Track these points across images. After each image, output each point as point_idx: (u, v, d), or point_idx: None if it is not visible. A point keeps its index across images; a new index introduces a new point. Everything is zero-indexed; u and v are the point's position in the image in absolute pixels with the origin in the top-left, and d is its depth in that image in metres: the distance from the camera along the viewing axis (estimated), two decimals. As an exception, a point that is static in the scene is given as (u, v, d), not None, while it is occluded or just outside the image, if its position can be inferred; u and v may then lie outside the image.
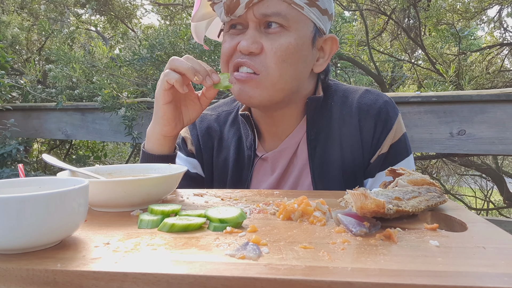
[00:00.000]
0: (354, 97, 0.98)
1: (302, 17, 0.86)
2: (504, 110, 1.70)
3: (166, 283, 0.41)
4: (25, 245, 0.48)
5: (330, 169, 0.94)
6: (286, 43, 0.84)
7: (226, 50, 0.88)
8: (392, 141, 0.94)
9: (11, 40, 4.29)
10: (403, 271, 0.41)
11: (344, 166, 0.94)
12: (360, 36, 4.08)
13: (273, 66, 0.84)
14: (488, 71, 4.10)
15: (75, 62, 2.82)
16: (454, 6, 3.91)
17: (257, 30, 0.85)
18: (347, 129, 0.95)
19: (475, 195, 5.28)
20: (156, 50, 2.53)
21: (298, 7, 0.84)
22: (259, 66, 0.85)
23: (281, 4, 0.83)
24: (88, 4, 4.79)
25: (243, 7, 0.82)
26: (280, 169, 0.98)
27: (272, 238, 0.53)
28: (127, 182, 0.66)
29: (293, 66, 0.86)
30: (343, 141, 0.95)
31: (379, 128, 0.93)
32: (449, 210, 0.66)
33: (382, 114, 0.94)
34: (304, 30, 0.87)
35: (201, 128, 1.08)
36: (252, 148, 0.99)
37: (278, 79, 0.86)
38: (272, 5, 0.82)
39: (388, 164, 0.92)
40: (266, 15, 0.83)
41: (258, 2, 0.82)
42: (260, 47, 0.84)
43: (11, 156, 2.75)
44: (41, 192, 0.47)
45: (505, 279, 0.40)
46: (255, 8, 0.83)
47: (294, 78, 0.88)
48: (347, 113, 0.96)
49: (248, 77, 0.85)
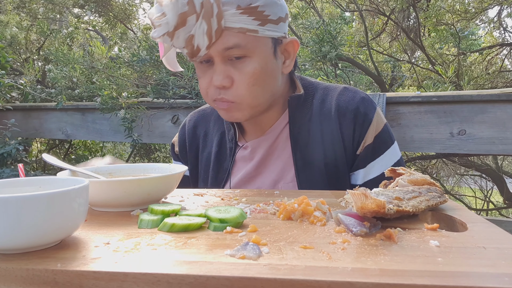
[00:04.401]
0: (333, 95, 1.03)
1: (259, 40, 0.90)
2: (504, 110, 1.70)
3: (166, 283, 0.41)
4: (25, 245, 0.48)
5: (313, 163, 0.99)
6: (252, 70, 0.90)
7: (205, 86, 0.95)
8: (375, 133, 0.98)
9: (10, 40, 4.29)
10: (404, 271, 0.41)
11: (326, 160, 0.98)
12: (360, 37, 4.08)
13: (245, 92, 0.91)
14: (488, 71, 4.10)
15: (74, 62, 2.82)
16: (453, 7, 3.91)
17: (224, 63, 0.90)
18: (328, 126, 0.99)
19: (475, 195, 5.28)
20: (155, 51, 2.53)
21: (253, 33, 0.88)
22: (233, 97, 0.92)
23: (237, 36, 0.87)
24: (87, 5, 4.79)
25: (203, 51, 0.88)
26: (259, 156, 1.03)
27: (272, 238, 0.52)
28: (127, 182, 0.66)
29: (262, 85, 0.93)
30: (324, 137, 0.99)
31: (359, 123, 0.98)
32: (450, 210, 0.66)
33: (360, 109, 0.98)
34: (264, 50, 0.91)
35: (188, 128, 1.17)
36: (234, 140, 1.06)
37: (252, 100, 0.93)
38: (230, 39, 0.87)
39: (377, 154, 0.98)
40: (227, 48, 0.87)
41: (216, 40, 0.86)
42: (231, 81, 0.91)
43: (11, 155, 2.75)
44: (41, 192, 0.47)
45: (506, 279, 0.40)
46: (216, 45, 0.87)
47: (266, 93, 0.95)
48: (327, 111, 1.01)
49: (228, 106, 0.93)
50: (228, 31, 0.86)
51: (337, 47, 2.48)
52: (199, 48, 0.87)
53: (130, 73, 2.85)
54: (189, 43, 0.86)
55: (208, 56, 0.90)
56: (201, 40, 0.85)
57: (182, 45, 0.87)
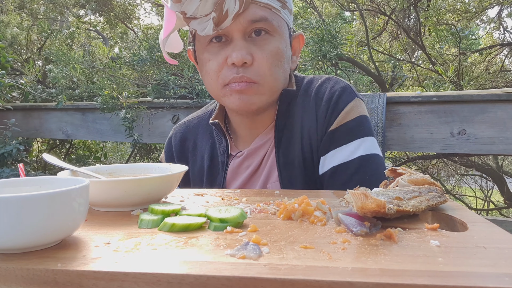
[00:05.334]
0: (314, 86, 0.99)
1: (281, 21, 0.90)
2: (504, 110, 1.70)
3: (166, 283, 0.41)
4: (26, 244, 0.48)
5: (292, 157, 0.95)
6: (275, 49, 0.88)
7: (215, 67, 0.89)
8: (344, 121, 0.92)
9: (10, 40, 4.29)
10: (404, 271, 0.41)
11: (303, 153, 0.95)
12: (360, 36, 4.08)
13: (267, 72, 0.88)
14: (488, 71, 4.10)
15: (74, 62, 2.82)
16: (454, 6, 3.90)
17: (244, 40, 0.87)
18: (306, 117, 0.96)
19: (476, 195, 5.28)
20: (156, 51, 2.53)
21: (277, 11, 0.88)
22: (255, 76, 0.87)
23: (264, 10, 0.86)
24: (87, 4, 4.79)
25: (230, 19, 0.84)
26: (254, 166, 1.00)
27: (272, 238, 0.52)
28: (128, 182, 0.66)
29: (282, 68, 0.91)
30: (303, 129, 0.96)
31: (330, 111, 0.93)
32: (450, 210, 0.66)
33: (335, 97, 0.93)
34: (284, 32, 0.91)
35: (175, 142, 1.11)
36: (226, 154, 1.01)
37: (273, 83, 0.90)
38: (257, 11, 0.85)
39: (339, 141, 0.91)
40: (254, 21, 0.85)
41: (243, 11, 0.84)
42: (252, 58, 0.87)
43: (11, 155, 2.75)
44: (41, 192, 0.47)
45: (506, 279, 0.40)
46: (242, 17, 0.85)
47: (284, 78, 0.93)
48: (306, 102, 0.97)
49: (248, 86, 0.87)
50: (255, 4, 0.85)
51: (337, 47, 2.48)
52: (227, 13, 0.83)
53: (131, 73, 2.85)
54: (219, 6, 0.82)
55: (226, 31, 0.86)
56: (231, 5, 0.82)
57: (210, 9, 0.83)
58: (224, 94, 0.90)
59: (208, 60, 0.90)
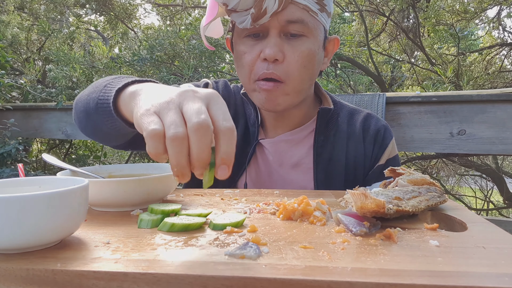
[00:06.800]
0: (358, 118, 1.08)
1: (317, 23, 0.92)
2: (504, 110, 1.70)
3: (166, 283, 0.41)
4: (25, 244, 0.48)
5: (332, 178, 1.01)
6: (306, 50, 0.90)
7: (249, 61, 0.92)
8: (388, 157, 1.05)
9: (10, 40, 4.29)
10: (403, 271, 0.41)
11: (346, 177, 1.02)
12: (359, 37, 4.08)
13: (295, 72, 0.90)
14: (488, 71, 4.10)
15: (75, 62, 2.82)
16: (453, 7, 3.90)
17: (279, 37, 0.89)
18: (352, 144, 1.04)
19: (475, 195, 5.28)
20: (156, 51, 2.53)
21: (314, 14, 0.90)
22: (283, 74, 0.90)
23: (302, 12, 0.88)
24: (88, 4, 4.79)
25: (268, 16, 0.86)
26: (280, 160, 1.03)
27: (272, 238, 0.52)
28: (127, 182, 0.66)
29: (311, 70, 0.93)
30: (348, 153, 1.03)
31: (377, 146, 1.05)
32: (449, 210, 0.66)
33: (380, 133, 1.06)
34: (319, 35, 0.93)
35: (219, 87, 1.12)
36: (256, 125, 1.04)
37: (299, 84, 0.92)
38: (295, 12, 0.87)
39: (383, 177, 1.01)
40: (291, 22, 0.87)
41: (282, 10, 0.86)
42: (283, 55, 0.89)
43: (11, 155, 2.75)
44: (41, 192, 0.47)
45: (506, 279, 0.40)
46: (279, 15, 0.87)
47: (311, 80, 0.96)
48: (352, 131, 1.06)
49: (275, 86, 0.91)
50: (294, 4, 0.87)
51: (337, 47, 2.47)
52: (266, 11, 0.85)
53: (131, 73, 2.85)
54: (258, 3, 0.84)
55: (264, 27, 0.89)
56: (271, 3, 0.85)
57: (250, 4, 0.86)
58: (254, 89, 0.94)
59: (244, 53, 0.93)
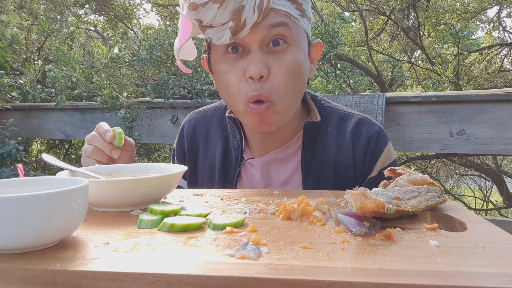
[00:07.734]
0: (348, 125, 1.01)
1: (299, 30, 0.87)
2: (503, 110, 1.70)
3: (166, 283, 0.41)
4: (25, 245, 0.48)
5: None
6: (292, 60, 0.84)
7: (235, 81, 0.86)
8: (381, 167, 0.97)
9: (10, 39, 4.29)
10: (403, 271, 0.41)
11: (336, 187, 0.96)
12: (359, 37, 4.08)
13: (282, 86, 0.84)
14: (487, 71, 4.10)
15: (74, 62, 2.82)
16: (453, 6, 3.91)
17: (261, 51, 0.84)
18: (341, 156, 0.98)
19: (475, 195, 5.28)
20: (155, 51, 2.53)
21: (296, 20, 0.85)
22: (269, 93, 0.84)
23: (283, 17, 0.83)
24: (87, 4, 4.79)
25: (248, 28, 0.81)
26: (268, 180, 1.00)
27: (271, 238, 0.52)
28: (127, 182, 0.66)
29: (299, 81, 0.87)
30: (337, 166, 0.98)
31: (368, 156, 0.97)
32: (449, 210, 0.66)
33: (371, 142, 0.98)
34: (303, 41, 0.88)
35: (188, 130, 1.10)
36: (239, 149, 1.01)
37: (287, 101, 0.87)
38: (276, 17, 0.83)
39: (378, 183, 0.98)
40: (273, 26, 0.82)
41: (262, 20, 0.81)
42: (268, 70, 0.84)
43: (10, 155, 2.75)
44: (40, 192, 0.47)
45: (505, 279, 0.40)
46: (260, 25, 0.82)
47: (300, 92, 0.90)
48: (342, 141, 0.99)
49: (265, 107, 0.85)
50: (274, 12, 0.82)
51: (336, 47, 2.48)
52: (245, 23, 0.80)
53: (130, 73, 2.85)
54: (237, 15, 0.79)
55: (243, 41, 0.83)
56: (250, 14, 0.79)
57: (228, 18, 0.80)
58: (245, 111, 0.87)
59: (227, 72, 0.87)
